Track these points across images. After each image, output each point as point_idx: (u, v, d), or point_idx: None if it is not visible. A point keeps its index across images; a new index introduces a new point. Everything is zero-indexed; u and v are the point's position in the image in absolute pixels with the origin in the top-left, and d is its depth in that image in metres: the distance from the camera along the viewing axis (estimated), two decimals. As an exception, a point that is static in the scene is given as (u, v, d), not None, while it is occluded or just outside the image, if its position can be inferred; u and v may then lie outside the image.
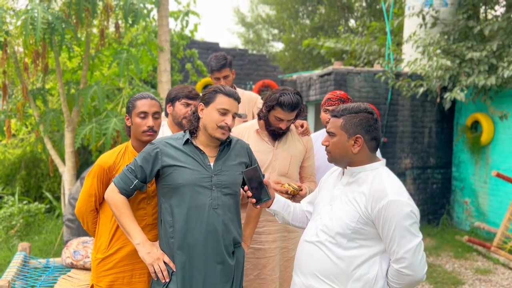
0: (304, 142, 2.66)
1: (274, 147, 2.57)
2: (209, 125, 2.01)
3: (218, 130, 2.01)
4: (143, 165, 1.99)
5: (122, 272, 2.11)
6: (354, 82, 6.71)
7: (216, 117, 2.00)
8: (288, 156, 2.56)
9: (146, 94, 2.21)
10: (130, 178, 1.99)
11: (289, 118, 2.47)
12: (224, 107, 2.01)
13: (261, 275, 2.52)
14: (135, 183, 1.99)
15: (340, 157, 1.87)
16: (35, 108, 5.19)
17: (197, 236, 1.96)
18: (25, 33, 4.16)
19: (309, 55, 13.90)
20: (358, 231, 1.78)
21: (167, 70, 5.04)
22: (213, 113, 2.01)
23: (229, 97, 2.03)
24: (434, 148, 7.06)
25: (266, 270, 2.52)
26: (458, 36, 6.59)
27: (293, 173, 2.60)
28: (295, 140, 2.63)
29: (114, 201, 1.99)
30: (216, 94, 2.02)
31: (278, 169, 2.54)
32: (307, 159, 2.66)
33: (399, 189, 1.76)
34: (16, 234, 5.49)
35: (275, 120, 2.48)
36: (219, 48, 8.26)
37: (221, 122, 2.00)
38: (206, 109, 2.03)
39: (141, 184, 2.01)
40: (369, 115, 1.85)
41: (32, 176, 6.68)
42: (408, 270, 1.72)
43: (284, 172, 2.55)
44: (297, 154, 2.60)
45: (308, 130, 2.72)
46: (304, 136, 2.68)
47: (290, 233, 2.61)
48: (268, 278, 2.52)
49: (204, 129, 2.04)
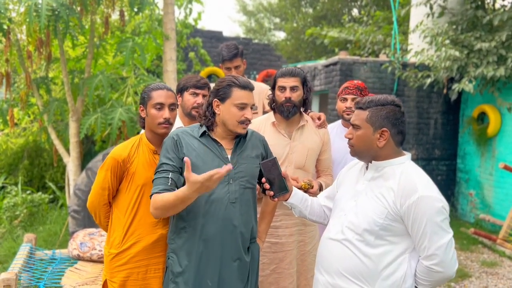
0: (321, 134, 2.61)
1: (291, 139, 2.52)
2: (229, 122, 1.94)
3: (239, 126, 1.95)
4: (170, 159, 1.89)
5: (136, 268, 2.06)
6: (360, 72, 6.63)
7: (235, 112, 1.93)
8: (305, 149, 2.51)
9: (162, 85, 2.14)
10: (164, 176, 1.87)
11: (292, 84, 2.43)
12: (242, 101, 1.94)
13: (278, 269, 2.49)
14: (170, 176, 1.86)
15: (365, 151, 1.81)
16: (38, 97, 5.12)
17: (214, 231, 1.90)
18: (28, 20, 4.07)
19: (311, 44, 13.79)
20: (386, 228, 1.73)
21: (173, 59, 4.96)
22: (231, 109, 1.93)
23: (245, 90, 1.95)
24: (439, 139, 7.02)
25: (283, 264, 2.49)
26: (466, 26, 6.50)
27: (309, 166, 2.55)
28: (311, 132, 2.58)
29: (157, 201, 1.79)
30: (231, 89, 1.94)
31: (295, 162, 2.49)
32: (323, 152, 2.62)
33: (429, 184, 1.71)
34: (20, 224, 5.45)
35: (280, 93, 2.45)
36: (222, 37, 8.17)
37: (241, 117, 1.94)
38: (223, 105, 1.95)
39: (177, 176, 1.88)
40: (396, 108, 1.79)
41: (35, 166, 6.63)
42: (439, 267, 1.68)
43: (300, 165, 2.51)
44: (314, 147, 2.55)
45: (325, 123, 2.66)
46: (321, 129, 2.63)
47: (307, 227, 2.58)
48: (286, 272, 2.49)
49: (223, 125, 1.97)
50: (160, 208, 1.79)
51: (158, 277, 2.08)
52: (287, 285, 2.48)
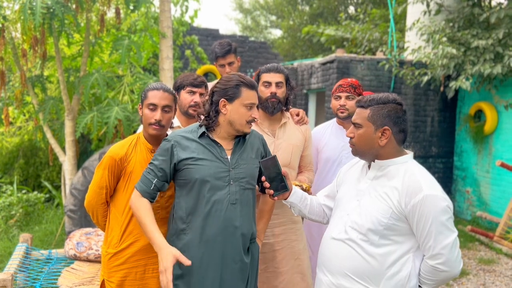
0: (303, 131, 2.62)
1: (275, 138, 2.52)
2: (237, 122, 1.92)
3: (247, 125, 1.94)
4: (161, 164, 1.90)
5: (134, 268, 2.04)
6: (357, 70, 6.62)
7: (244, 112, 1.91)
8: (289, 146, 2.52)
9: (160, 85, 2.11)
10: (149, 179, 1.90)
11: (277, 80, 2.44)
12: (251, 101, 1.92)
13: (269, 268, 2.48)
14: (154, 182, 1.90)
15: (366, 149, 1.79)
16: (33, 95, 5.07)
17: (215, 232, 1.88)
18: (23, 18, 4.03)
19: (308, 42, 13.77)
20: (391, 227, 1.71)
21: (170, 57, 4.92)
22: (240, 109, 1.91)
23: (253, 90, 1.94)
24: (436, 137, 7.03)
25: (273, 263, 2.48)
26: (462, 24, 6.50)
27: (295, 163, 2.55)
28: (294, 129, 2.59)
29: (136, 205, 1.89)
30: (240, 89, 1.91)
31: (280, 160, 2.46)
32: (305, 148, 2.63)
33: (433, 183, 1.70)
34: (15, 224, 5.41)
35: (265, 89, 2.46)
36: (219, 34, 8.14)
37: (249, 117, 1.92)
38: (231, 105, 1.91)
39: (161, 183, 1.92)
40: (397, 106, 1.77)
41: (31, 165, 6.58)
42: (445, 266, 1.67)
43: (286, 162, 2.49)
44: (298, 143, 2.56)
45: (304, 119, 2.67)
46: (302, 125, 2.63)
47: (296, 224, 2.57)
48: (276, 271, 2.48)
49: (229, 125, 1.94)
50: (132, 209, 1.92)
51: (156, 277, 2.06)
52: (278, 284, 2.47)
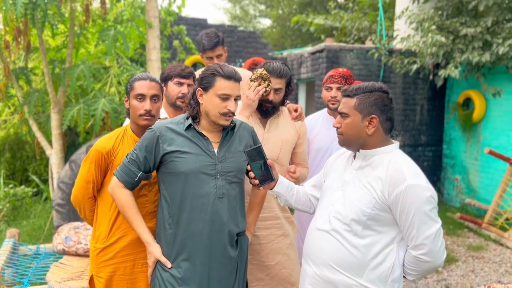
0: (297, 127, 2.55)
1: (265, 130, 2.46)
2: (211, 112, 1.87)
3: (222, 118, 1.87)
4: (145, 155, 1.87)
5: (123, 262, 2.02)
6: (347, 59, 6.60)
7: (217, 103, 1.85)
8: (279, 141, 2.45)
9: (145, 75, 2.07)
10: (133, 171, 1.87)
11: (276, 86, 2.37)
12: (225, 92, 1.85)
13: (254, 260, 2.45)
14: (139, 175, 1.87)
15: (354, 139, 1.77)
16: (18, 88, 4.97)
17: (201, 227, 1.85)
18: (5, 8, 3.92)
19: (297, 31, 13.69)
20: (374, 217, 1.70)
21: (157, 47, 4.84)
22: (214, 99, 1.86)
23: (229, 80, 1.86)
24: (425, 125, 7.06)
25: (259, 256, 2.45)
26: (451, 12, 6.49)
27: (283, 158, 2.49)
28: (287, 124, 2.52)
29: (119, 197, 1.89)
30: (215, 78, 1.86)
31: (268, 154, 2.41)
32: (299, 145, 2.56)
33: (417, 173, 1.69)
34: (3, 219, 5.33)
35: None
36: (207, 24, 8.03)
37: (223, 109, 1.86)
38: (206, 95, 1.87)
39: (145, 175, 1.89)
40: (384, 94, 1.75)
41: (17, 159, 6.48)
42: (427, 257, 1.67)
43: (274, 157, 2.43)
44: (289, 138, 2.49)
45: (302, 115, 2.60)
46: (297, 121, 2.56)
47: (283, 220, 2.53)
48: (262, 264, 2.46)
49: (206, 115, 1.90)
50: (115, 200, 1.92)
51: (146, 272, 2.03)
52: (264, 276, 2.46)
